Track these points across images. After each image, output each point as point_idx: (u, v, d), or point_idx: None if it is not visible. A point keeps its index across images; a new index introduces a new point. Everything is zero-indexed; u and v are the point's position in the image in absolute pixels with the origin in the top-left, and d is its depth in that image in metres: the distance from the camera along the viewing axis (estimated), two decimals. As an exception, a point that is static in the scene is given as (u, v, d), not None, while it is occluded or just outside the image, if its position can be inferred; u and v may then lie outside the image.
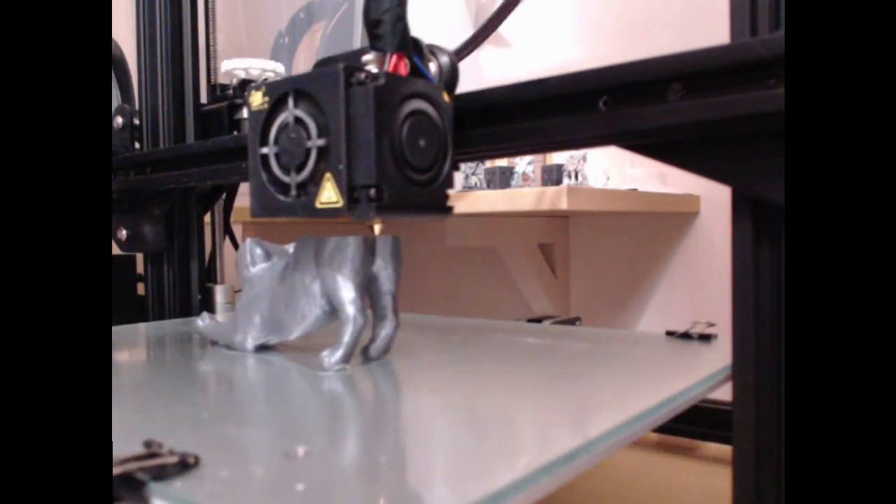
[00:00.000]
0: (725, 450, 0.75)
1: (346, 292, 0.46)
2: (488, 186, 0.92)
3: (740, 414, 0.37)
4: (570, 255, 1.17)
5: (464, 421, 0.36)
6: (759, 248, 0.36)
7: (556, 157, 1.04)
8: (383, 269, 0.48)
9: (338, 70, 0.39)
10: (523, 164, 0.90)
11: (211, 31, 0.85)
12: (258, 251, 0.55)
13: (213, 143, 0.64)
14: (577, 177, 0.90)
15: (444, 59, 0.45)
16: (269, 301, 0.52)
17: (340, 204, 0.40)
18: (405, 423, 0.37)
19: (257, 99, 0.44)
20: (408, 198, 0.41)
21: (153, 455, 0.27)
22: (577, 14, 1.12)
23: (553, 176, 0.91)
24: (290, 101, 0.42)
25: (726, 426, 0.38)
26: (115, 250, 0.83)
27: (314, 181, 0.41)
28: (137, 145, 0.82)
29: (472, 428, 0.35)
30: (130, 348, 0.61)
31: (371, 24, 0.41)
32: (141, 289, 0.91)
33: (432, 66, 0.45)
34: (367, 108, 0.39)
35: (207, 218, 0.88)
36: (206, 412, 0.37)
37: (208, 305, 0.84)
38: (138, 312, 0.92)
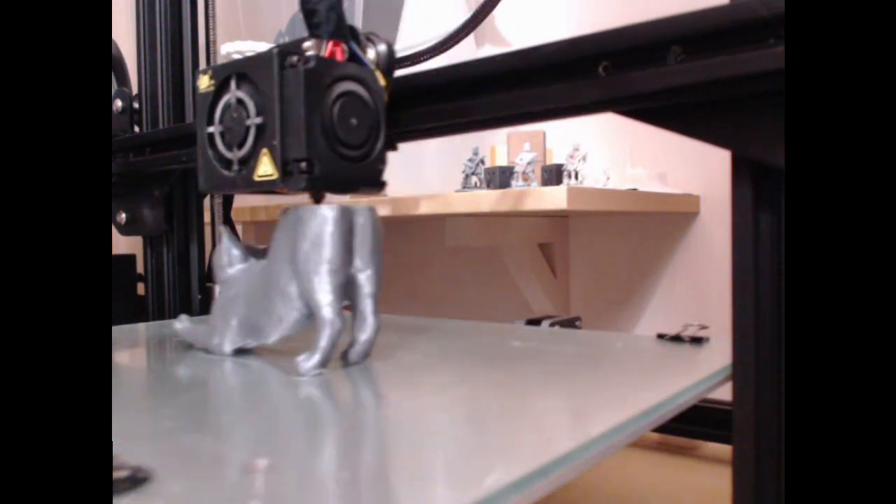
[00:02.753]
0: (725, 450, 0.75)
1: (323, 295, 0.44)
2: (488, 186, 0.92)
3: (740, 414, 0.37)
4: (570, 255, 1.17)
5: (443, 430, 0.35)
6: (759, 213, 0.36)
7: (557, 157, 1.05)
8: (362, 270, 0.47)
9: (272, 54, 0.43)
10: (523, 164, 0.90)
11: (210, 14, 0.85)
12: (235, 251, 0.53)
13: None
14: (577, 177, 0.90)
15: (382, 47, 0.49)
16: (246, 303, 0.50)
17: (276, 176, 0.44)
18: (382, 431, 0.35)
19: (204, 82, 0.48)
20: (339, 171, 0.45)
21: None
22: (576, 14, 1.12)
23: (553, 176, 0.91)
24: (233, 84, 0.46)
25: (726, 426, 0.38)
26: (115, 250, 0.83)
27: (253, 156, 0.45)
28: (137, 129, 0.82)
29: (450, 439, 0.33)
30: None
31: (307, 13, 0.45)
32: (141, 289, 0.91)
33: (370, 52, 0.48)
34: (298, 89, 0.42)
35: (207, 218, 0.88)
36: (170, 421, 0.36)
37: (209, 305, 0.84)
38: (138, 312, 0.92)
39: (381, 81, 0.47)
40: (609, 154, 1.09)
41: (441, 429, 0.35)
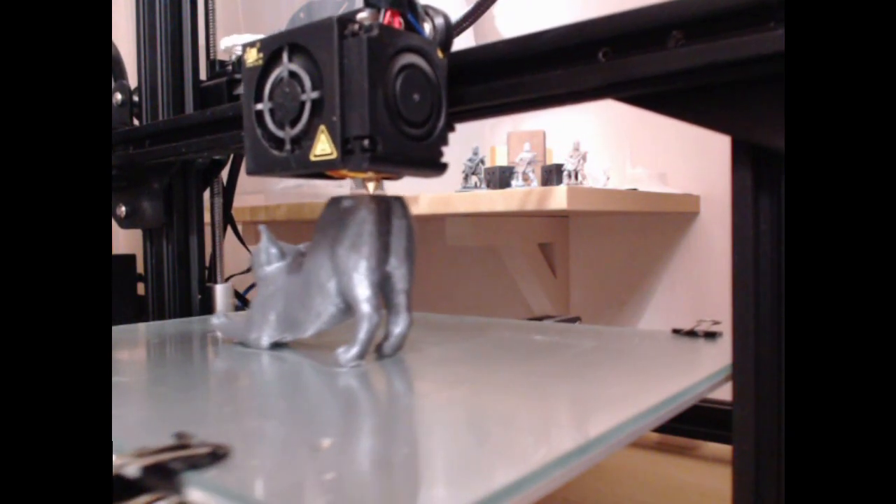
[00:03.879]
0: (725, 450, 0.75)
1: (362, 290, 0.47)
2: (488, 186, 0.92)
3: (740, 414, 0.37)
4: (570, 255, 1.17)
5: (470, 418, 0.37)
6: (759, 198, 0.36)
7: (557, 157, 1.05)
8: (397, 267, 0.49)
9: (332, 21, 0.40)
10: (523, 164, 0.90)
11: (210, 8, 0.85)
12: (273, 250, 0.56)
13: (211, 112, 0.64)
14: (577, 177, 0.90)
15: (439, 20, 0.46)
16: (285, 299, 0.53)
17: (335, 156, 0.40)
18: (416, 419, 0.38)
19: (252, 56, 0.44)
20: (402, 151, 0.41)
21: (185, 446, 0.27)
22: (576, 13, 1.12)
23: (553, 176, 0.91)
24: (285, 56, 0.42)
25: (726, 426, 0.38)
26: (116, 250, 0.83)
27: (308, 135, 0.41)
28: (137, 122, 0.82)
29: (478, 425, 0.35)
30: (142, 347, 0.62)
31: None
32: (141, 289, 0.91)
33: (426, 26, 0.45)
34: (361, 59, 0.39)
35: (207, 219, 0.88)
36: (228, 407, 0.38)
37: (209, 305, 0.84)
38: (138, 312, 0.92)
39: (441, 55, 0.44)
40: (609, 154, 1.09)
41: (461, 421, 0.37)
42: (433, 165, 0.45)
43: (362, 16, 0.41)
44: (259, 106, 0.44)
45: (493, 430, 0.34)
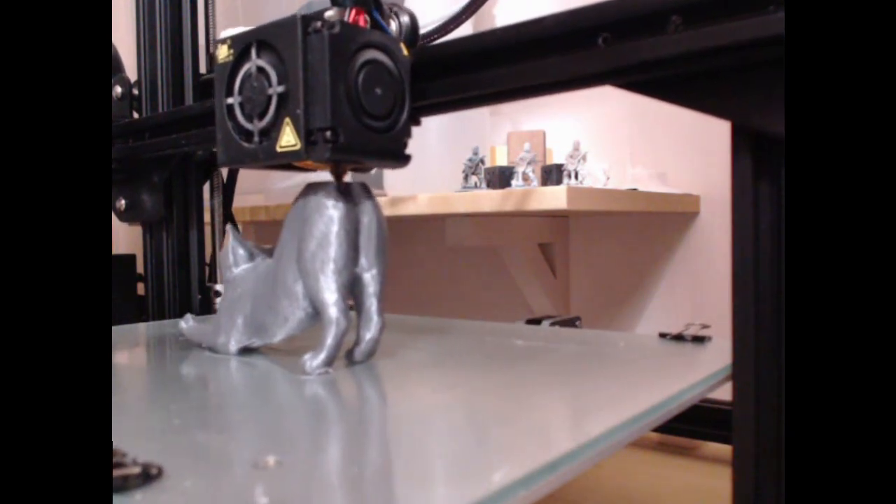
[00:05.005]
0: (725, 450, 0.75)
1: (329, 294, 0.44)
2: (488, 186, 0.92)
3: (740, 414, 0.37)
4: (570, 255, 1.17)
5: (447, 427, 0.35)
6: (759, 183, 0.36)
7: (557, 157, 1.05)
8: (367, 269, 0.47)
9: (296, 19, 0.42)
10: (523, 164, 0.90)
11: (209, 1, 0.85)
12: (241, 251, 0.54)
13: (211, 103, 0.64)
14: (577, 177, 0.90)
15: (405, 18, 0.48)
16: (252, 302, 0.50)
17: (299, 147, 0.42)
18: (387, 430, 0.36)
19: (223, 52, 0.47)
20: (364, 142, 0.43)
21: (116, 465, 0.26)
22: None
23: (553, 176, 0.91)
24: (253, 52, 0.44)
25: (726, 426, 0.38)
26: (115, 250, 0.83)
27: (275, 127, 0.43)
28: (136, 116, 0.82)
29: (454, 435, 0.33)
30: (114, 351, 0.60)
31: None
32: (141, 289, 0.91)
33: (392, 24, 0.47)
34: (323, 55, 0.41)
35: (207, 218, 0.88)
36: (178, 419, 0.36)
37: (208, 306, 0.84)
38: (138, 312, 0.92)
39: (405, 52, 0.46)
40: (609, 154, 1.09)
41: (444, 427, 0.35)
42: (395, 157, 0.46)
43: (329, 14, 0.42)
44: (230, 100, 0.46)
45: (469, 440, 0.32)
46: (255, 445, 0.31)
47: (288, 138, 0.42)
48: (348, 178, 0.48)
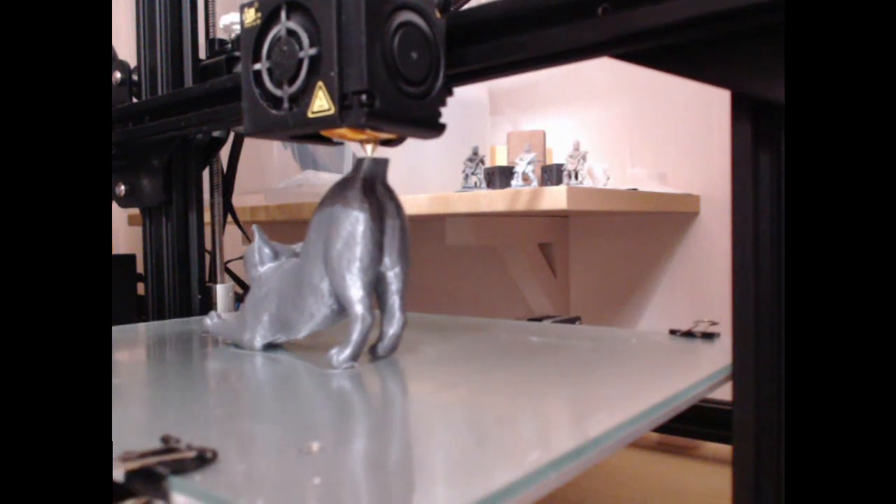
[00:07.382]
0: (725, 450, 0.75)
1: (355, 291, 0.46)
2: (488, 186, 0.92)
3: (740, 414, 0.37)
4: (570, 255, 1.17)
5: (467, 419, 0.37)
6: (759, 151, 0.36)
7: (557, 157, 1.05)
8: (391, 268, 0.49)
9: None
10: (523, 164, 0.90)
11: None
12: (266, 250, 0.56)
13: (210, 84, 0.64)
14: (577, 177, 0.90)
15: None
16: (278, 300, 0.52)
17: (332, 111, 0.40)
18: (411, 421, 0.37)
19: (250, 16, 0.45)
20: (399, 108, 0.41)
21: (171, 450, 0.27)
22: None
23: (553, 176, 0.91)
24: (283, 14, 0.43)
25: (726, 426, 0.38)
26: (115, 250, 0.82)
27: (306, 92, 0.41)
28: (136, 101, 0.82)
29: (475, 426, 0.35)
30: (137, 348, 0.62)
31: None
32: (141, 289, 0.91)
33: None
34: (359, 15, 0.39)
35: (207, 218, 0.87)
36: (218, 409, 0.38)
37: (208, 305, 0.84)
38: (138, 312, 0.92)
39: (439, 16, 0.44)
40: (609, 154, 1.09)
41: (464, 420, 0.37)
42: (431, 125, 0.44)
43: None
44: (257, 66, 0.44)
45: (491, 431, 0.34)
46: (296, 433, 0.33)
47: (321, 103, 0.41)
48: (370, 149, 0.47)
